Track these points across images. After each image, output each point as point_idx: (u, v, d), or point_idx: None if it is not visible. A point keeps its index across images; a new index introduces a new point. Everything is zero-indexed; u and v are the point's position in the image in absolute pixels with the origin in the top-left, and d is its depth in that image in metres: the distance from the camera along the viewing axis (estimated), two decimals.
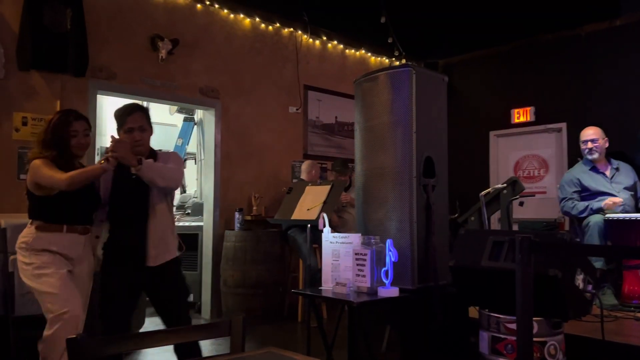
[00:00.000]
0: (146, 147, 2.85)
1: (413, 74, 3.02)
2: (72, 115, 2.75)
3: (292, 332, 4.94)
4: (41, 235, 2.66)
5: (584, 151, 4.33)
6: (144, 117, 2.83)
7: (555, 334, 2.52)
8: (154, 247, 2.73)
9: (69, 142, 2.70)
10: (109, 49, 4.93)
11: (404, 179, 2.98)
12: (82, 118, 2.79)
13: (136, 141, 2.75)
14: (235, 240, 5.29)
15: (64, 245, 2.68)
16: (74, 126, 2.71)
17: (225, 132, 5.78)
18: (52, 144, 2.67)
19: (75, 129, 2.71)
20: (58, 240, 2.67)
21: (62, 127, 2.69)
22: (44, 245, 2.65)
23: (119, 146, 2.57)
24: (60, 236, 2.68)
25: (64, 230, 2.68)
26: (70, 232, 2.70)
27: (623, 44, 6.18)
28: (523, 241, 1.80)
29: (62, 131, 2.68)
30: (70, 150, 2.71)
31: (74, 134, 2.71)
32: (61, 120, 2.70)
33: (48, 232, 2.66)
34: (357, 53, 7.17)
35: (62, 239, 2.68)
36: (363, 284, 2.79)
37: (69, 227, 2.69)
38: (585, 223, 4.03)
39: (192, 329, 1.55)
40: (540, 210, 6.66)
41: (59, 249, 2.67)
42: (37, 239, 2.65)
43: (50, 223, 2.67)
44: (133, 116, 2.78)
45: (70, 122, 2.70)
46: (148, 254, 2.72)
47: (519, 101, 7.07)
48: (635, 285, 3.76)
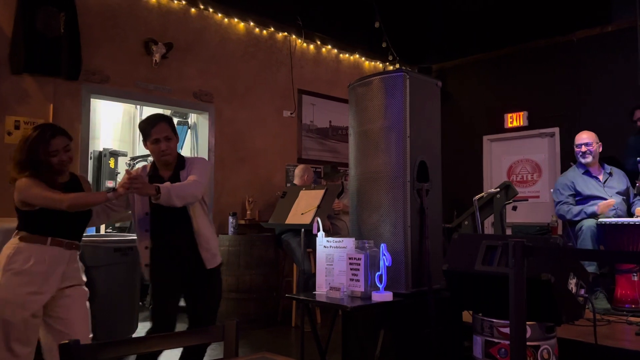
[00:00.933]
0: (173, 155, 2.92)
1: (407, 78, 3.04)
2: (48, 132, 2.55)
3: (285, 337, 4.92)
4: (22, 248, 2.50)
5: (578, 155, 4.35)
6: (169, 126, 2.89)
7: (548, 338, 2.53)
8: (205, 250, 2.86)
9: (50, 161, 2.53)
10: (103, 52, 4.92)
11: (398, 183, 2.99)
12: (60, 133, 2.61)
13: (162, 151, 2.84)
14: (228, 245, 5.28)
15: (44, 259, 2.51)
16: (53, 145, 2.53)
17: (219, 136, 5.78)
18: (27, 164, 2.50)
19: (54, 149, 2.53)
20: (39, 253, 2.51)
21: (39, 147, 2.50)
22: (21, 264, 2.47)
23: (135, 182, 2.56)
24: (42, 249, 2.52)
25: (47, 243, 2.53)
26: (54, 244, 2.55)
27: (615, 49, 6.23)
28: (516, 246, 1.81)
29: (38, 151, 2.50)
30: (53, 168, 2.56)
31: (54, 153, 2.54)
32: (38, 139, 2.51)
33: (30, 243, 2.51)
34: (351, 57, 7.18)
35: (43, 252, 2.52)
36: (357, 289, 2.79)
37: (53, 239, 2.54)
38: (578, 227, 4.05)
39: (185, 334, 1.55)
40: (533, 215, 6.69)
41: (37, 264, 2.49)
42: (16, 253, 2.50)
43: (34, 234, 2.53)
44: (158, 127, 2.84)
45: (48, 140, 2.51)
46: (202, 257, 2.85)
47: (512, 106, 7.11)
48: (627, 289, 3.79)
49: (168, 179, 2.88)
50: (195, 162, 3.00)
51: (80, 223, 2.72)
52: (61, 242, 2.58)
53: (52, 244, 2.55)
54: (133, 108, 7.49)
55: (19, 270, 2.48)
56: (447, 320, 3.02)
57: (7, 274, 2.49)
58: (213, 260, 2.90)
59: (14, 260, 2.49)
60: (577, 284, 2.58)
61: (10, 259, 2.49)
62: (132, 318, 4.50)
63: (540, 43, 6.85)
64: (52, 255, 2.56)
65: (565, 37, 6.61)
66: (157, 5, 5.33)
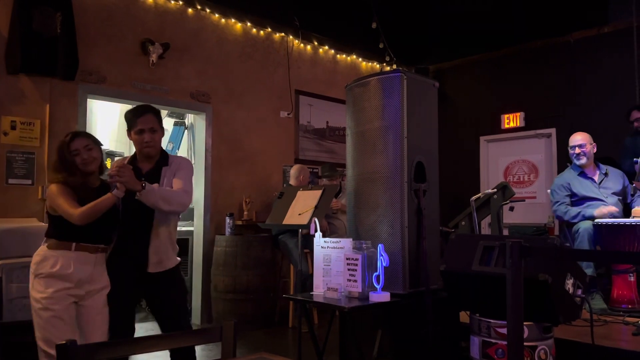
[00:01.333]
0: (157, 148, 2.86)
1: (404, 79, 3.04)
2: (68, 135, 2.73)
3: (283, 338, 4.92)
4: (49, 255, 2.61)
5: (572, 156, 4.36)
6: (155, 118, 2.84)
7: (545, 339, 2.53)
8: (154, 254, 2.77)
9: (75, 162, 2.67)
10: (99, 52, 4.91)
11: (395, 183, 2.99)
12: (80, 135, 2.76)
13: (146, 142, 2.79)
14: (226, 245, 5.27)
15: (70, 265, 2.60)
16: (72, 146, 2.67)
17: (216, 136, 5.77)
18: (60, 167, 2.68)
19: (75, 148, 2.67)
20: (65, 258, 2.60)
21: (63, 150, 2.69)
22: (49, 269, 2.58)
23: (123, 171, 2.56)
24: (67, 254, 2.61)
25: (72, 248, 2.62)
26: (79, 250, 2.64)
27: (611, 50, 6.25)
28: (513, 246, 1.81)
29: (64, 154, 2.68)
30: (79, 169, 2.68)
31: (75, 152, 2.67)
32: (62, 143, 2.72)
33: (56, 249, 2.62)
34: (348, 58, 7.19)
35: (69, 257, 2.61)
36: (354, 289, 2.79)
37: (77, 245, 2.63)
38: (575, 228, 4.06)
39: (183, 335, 1.54)
40: (530, 215, 6.71)
41: (64, 269, 2.58)
42: (43, 260, 2.61)
43: (60, 240, 2.63)
44: (144, 117, 2.80)
45: (67, 143, 2.68)
46: (149, 261, 2.75)
47: (509, 107, 7.13)
48: (624, 289, 3.80)
49: (147, 171, 2.83)
50: (182, 164, 2.91)
51: (105, 226, 2.73)
52: (86, 247, 2.66)
53: (77, 249, 2.64)
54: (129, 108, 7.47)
55: (47, 274, 2.58)
56: (445, 321, 3.02)
57: (37, 279, 2.60)
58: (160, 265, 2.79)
59: (42, 266, 2.60)
60: (574, 285, 2.58)
61: (38, 265, 2.61)
62: None
63: (537, 44, 6.87)
64: (78, 259, 2.63)
65: (562, 38, 6.63)
66: (154, 6, 5.32)
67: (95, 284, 2.69)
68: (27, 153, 4.45)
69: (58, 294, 2.56)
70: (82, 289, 2.63)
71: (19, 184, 4.38)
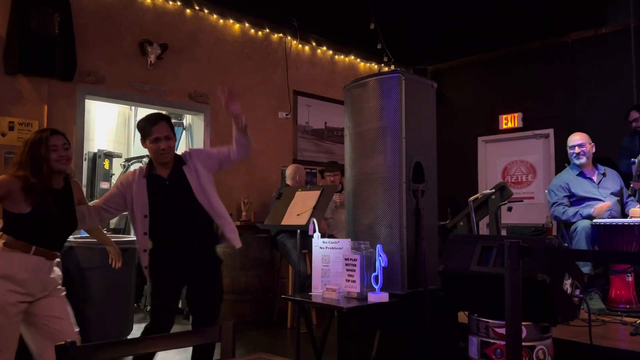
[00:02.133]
0: (172, 155, 2.93)
1: (402, 80, 3.04)
2: (48, 131, 2.67)
3: (281, 338, 4.92)
4: (5, 253, 2.51)
5: (572, 156, 4.37)
6: (169, 126, 2.91)
7: (543, 339, 2.54)
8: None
9: (49, 157, 2.58)
10: (98, 53, 4.91)
11: (393, 184, 2.99)
12: (59, 133, 2.69)
13: (162, 149, 2.85)
14: (224, 246, 5.22)
15: (26, 268, 2.51)
16: (52, 140, 2.61)
17: (215, 137, 5.77)
18: (28, 164, 2.56)
19: (54, 144, 2.60)
20: (22, 261, 2.50)
21: (39, 144, 2.58)
22: (4, 268, 2.48)
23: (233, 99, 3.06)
24: (26, 257, 2.51)
25: (31, 252, 2.53)
26: (38, 254, 2.55)
27: (609, 51, 6.27)
28: (512, 246, 1.82)
29: (39, 148, 2.57)
30: (50, 165, 2.59)
31: (54, 148, 2.60)
32: (37, 137, 2.62)
33: (14, 250, 2.51)
34: (346, 59, 7.19)
35: (26, 261, 2.51)
36: (353, 290, 2.79)
37: (37, 249, 2.54)
38: (573, 228, 4.06)
39: (182, 335, 1.54)
40: (528, 215, 6.72)
41: (19, 272, 2.49)
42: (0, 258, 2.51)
43: (18, 240, 2.52)
44: (158, 126, 2.86)
45: (47, 137, 2.61)
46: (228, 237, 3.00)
47: (507, 107, 7.14)
48: (622, 289, 3.80)
49: (168, 176, 2.89)
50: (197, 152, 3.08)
51: (65, 234, 2.72)
52: (44, 252, 2.58)
53: (36, 254, 2.55)
54: (128, 109, 7.47)
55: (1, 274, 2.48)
56: (443, 321, 3.03)
57: None
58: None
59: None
60: (572, 285, 2.59)
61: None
62: (127, 320, 4.49)
63: (534, 44, 6.88)
64: (35, 264, 2.55)
65: (560, 39, 6.64)
66: (152, 6, 5.32)
67: (46, 290, 2.62)
68: None
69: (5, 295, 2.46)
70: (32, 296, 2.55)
71: None
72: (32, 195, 2.51)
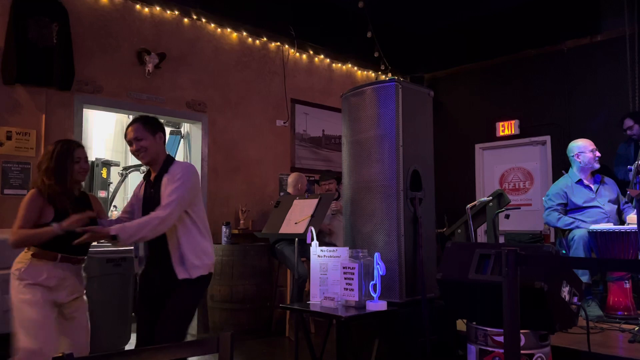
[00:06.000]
0: (150, 156, 2.79)
1: (399, 88, 3.06)
2: (74, 143, 2.88)
3: (280, 347, 4.90)
4: (34, 264, 2.66)
5: (590, 160, 4.27)
6: (141, 126, 2.80)
7: (542, 346, 2.53)
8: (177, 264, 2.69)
9: (72, 168, 2.77)
10: (95, 62, 4.92)
11: (391, 192, 3.00)
12: (82, 146, 2.89)
13: (134, 151, 2.81)
14: (222, 255, 5.26)
15: (54, 276, 2.68)
16: (77, 153, 2.80)
17: (212, 145, 5.77)
18: (54, 172, 2.74)
19: (78, 156, 2.80)
20: (50, 270, 2.67)
21: (65, 155, 2.77)
22: (35, 278, 2.64)
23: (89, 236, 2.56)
24: (53, 266, 2.68)
25: (57, 260, 2.69)
26: (64, 261, 2.71)
27: (604, 58, 6.30)
28: (509, 254, 1.82)
29: (65, 159, 2.76)
30: (72, 176, 2.77)
31: (77, 160, 2.79)
32: (64, 148, 2.80)
33: (42, 259, 2.67)
34: (343, 67, 7.22)
35: (54, 269, 2.68)
36: (351, 298, 2.79)
37: (63, 256, 2.70)
38: (571, 236, 4.07)
39: (179, 346, 1.54)
40: (526, 223, 6.72)
41: (48, 280, 2.66)
42: (28, 268, 2.66)
43: (45, 250, 2.67)
44: (129, 129, 2.82)
45: (74, 149, 2.81)
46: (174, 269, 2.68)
47: (504, 114, 7.17)
48: (619, 296, 3.81)
49: (153, 180, 2.82)
50: (176, 174, 2.74)
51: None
52: (69, 259, 2.73)
53: (62, 261, 2.70)
54: (126, 118, 7.45)
55: (32, 283, 2.64)
56: (442, 329, 3.02)
57: (20, 284, 2.66)
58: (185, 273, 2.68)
59: (26, 274, 2.65)
60: (570, 292, 2.59)
61: (22, 272, 2.66)
62: (125, 329, 4.47)
63: (530, 52, 6.92)
64: (62, 271, 2.71)
65: (556, 47, 6.68)
66: (150, 16, 5.34)
67: (75, 294, 2.78)
68: (22, 163, 4.44)
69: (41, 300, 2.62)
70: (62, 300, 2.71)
71: (14, 195, 4.37)
72: (54, 204, 2.68)
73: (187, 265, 2.69)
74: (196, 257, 2.71)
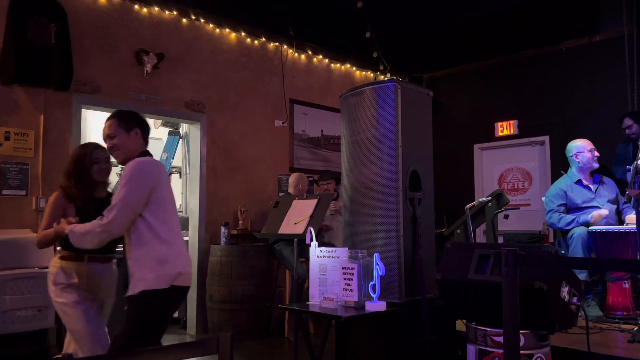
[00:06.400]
0: (124, 153, 2.61)
1: (398, 88, 3.06)
2: (92, 145, 2.98)
3: (279, 347, 4.89)
4: (64, 267, 2.77)
5: (589, 160, 4.28)
6: (113, 122, 2.64)
7: (541, 347, 2.53)
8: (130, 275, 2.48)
9: (91, 169, 2.85)
10: (94, 63, 4.91)
11: (390, 192, 3.00)
12: (102, 148, 2.92)
13: (109, 149, 2.68)
14: (221, 255, 5.25)
15: (85, 276, 2.78)
16: (95, 154, 2.88)
17: (211, 145, 5.77)
18: (72, 175, 2.85)
19: (96, 157, 2.88)
20: (78, 271, 2.77)
21: (83, 157, 2.87)
22: (67, 280, 2.75)
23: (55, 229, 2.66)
24: (81, 266, 2.77)
25: (85, 260, 2.78)
26: (91, 261, 2.80)
27: (603, 58, 6.31)
28: (509, 254, 1.82)
29: (83, 161, 2.86)
30: (92, 177, 2.86)
31: (96, 161, 2.87)
32: (82, 151, 2.92)
33: (70, 262, 2.77)
34: (342, 67, 7.22)
35: (82, 269, 2.77)
36: (350, 298, 2.78)
37: (90, 256, 2.78)
38: (570, 235, 4.07)
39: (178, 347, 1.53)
40: (525, 223, 6.72)
41: (80, 281, 2.76)
42: (59, 272, 2.76)
43: (72, 252, 2.75)
44: (104, 126, 2.68)
45: (91, 151, 2.89)
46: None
47: (503, 115, 7.17)
48: (619, 296, 3.81)
49: None
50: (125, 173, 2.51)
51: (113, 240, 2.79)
52: (96, 258, 2.81)
53: (90, 260, 2.79)
54: None
55: (66, 285, 2.75)
56: (441, 329, 3.02)
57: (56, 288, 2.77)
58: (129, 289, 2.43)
59: (59, 277, 2.76)
60: (569, 292, 2.59)
61: (55, 277, 2.77)
62: None
63: (529, 53, 6.92)
64: (91, 271, 2.80)
65: (554, 47, 6.68)
66: (149, 16, 5.34)
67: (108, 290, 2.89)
68: (21, 164, 4.43)
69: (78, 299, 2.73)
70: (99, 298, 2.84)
71: (13, 195, 4.36)
72: (76, 205, 2.79)
73: (132, 280, 2.43)
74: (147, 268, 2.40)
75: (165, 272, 2.41)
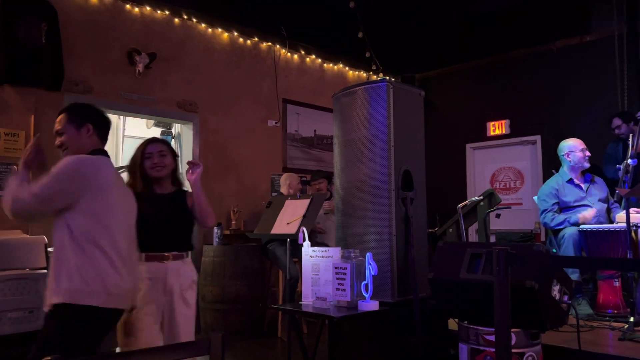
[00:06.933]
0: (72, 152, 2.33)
1: (390, 88, 3.06)
2: (149, 139, 2.83)
3: (272, 348, 4.89)
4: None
5: (581, 159, 4.31)
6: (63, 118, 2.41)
7: (533, 345, 2.55)
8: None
9: (143, 164, 2.70)
10: (85, 63, 4.88)
11: (382, 192, 3.00)
12: (158, 141, 2.81)
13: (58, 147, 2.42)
14: (213, 255, 5.24)
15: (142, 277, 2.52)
16: (148, 149, 2.73)
17: (204, 145, 5.75)
18: (130, 171, 2.75)
19: (149, 152, 2.72)
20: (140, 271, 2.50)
21: (136, 153, 2.75)
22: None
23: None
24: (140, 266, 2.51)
25: (142, 259, 2.56)
26: (150, 260, 2.59)
27: (594, 58, 6.35)
28: (500, 253, 1.82)
29: (135, 157, 2.73)
30: (145, 172, 2.70)
31: (148, 155, 2.72)
32: (138, 147, 2.78)
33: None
34: (335, 67, 7.22)
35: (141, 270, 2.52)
36: (343, 298, 2.78)
37: (147, 255, 2.59)
38: (561, 235, 4.09)
39: (169, 348, 1.53)
40: (517, 222, 6.75)
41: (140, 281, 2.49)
42: None
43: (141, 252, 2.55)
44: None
45: (146, 144, 2.76)
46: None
47: (494, 114, 7.20)
48: (609, 294, 3.84)
49: None
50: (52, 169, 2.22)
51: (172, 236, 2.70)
52: (154, 257, 2.61)
53: (147, 260, 2.59)
54: (116, 118, 7.41)
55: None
56: (433, 329, 3.03)
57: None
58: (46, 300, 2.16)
59: None
60: (560, 291, 2.61)
61: None
62: None
63: (520, 52, 6.96)
64: (149, 271, 2.58)
65: (545, 47, 6.72)
66: (140, 16, 5.31)
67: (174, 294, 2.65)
68: (11, 164, 4.40)
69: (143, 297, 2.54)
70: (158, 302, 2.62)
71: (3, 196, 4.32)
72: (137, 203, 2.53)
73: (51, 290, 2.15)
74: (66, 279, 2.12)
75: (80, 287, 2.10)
